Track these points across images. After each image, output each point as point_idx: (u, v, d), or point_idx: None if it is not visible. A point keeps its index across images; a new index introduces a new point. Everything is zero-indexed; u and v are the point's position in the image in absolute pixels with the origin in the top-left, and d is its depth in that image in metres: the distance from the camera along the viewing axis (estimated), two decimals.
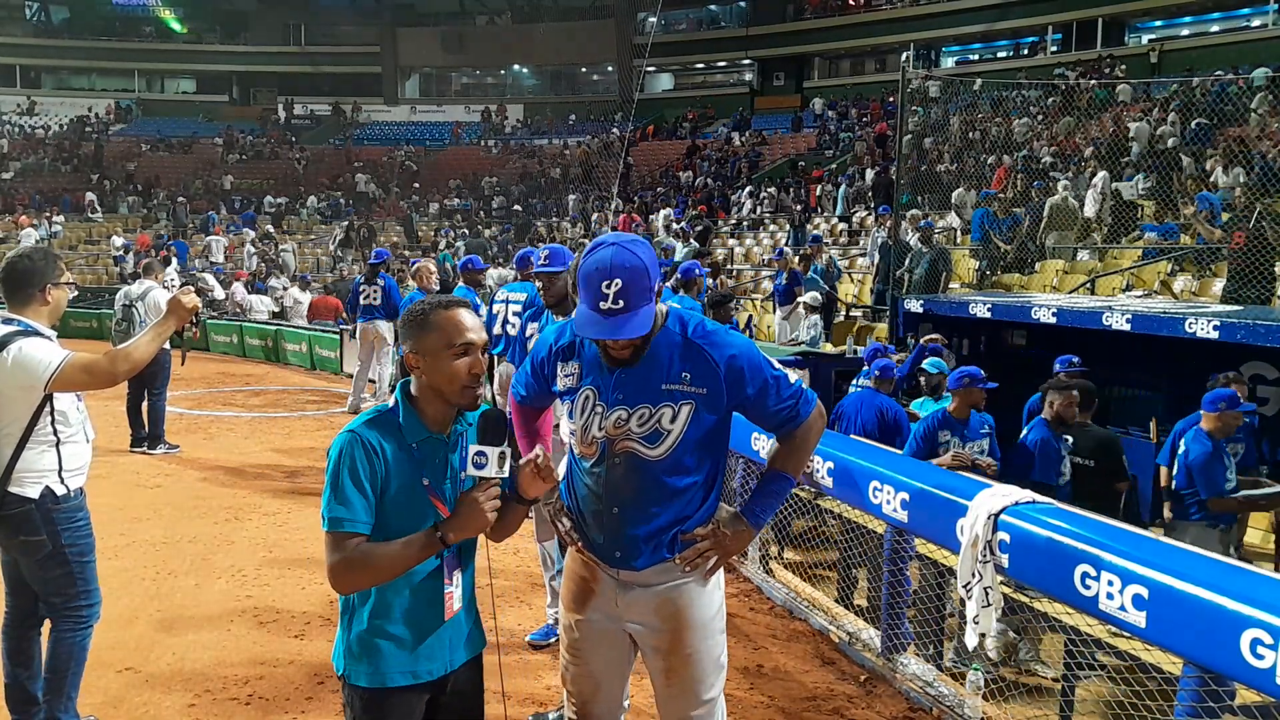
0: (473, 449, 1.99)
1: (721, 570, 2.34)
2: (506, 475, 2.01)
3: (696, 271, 7.66)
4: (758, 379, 2.18)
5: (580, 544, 2.29)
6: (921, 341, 7.31)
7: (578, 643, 2.36)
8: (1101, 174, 12.28)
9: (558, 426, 3.70)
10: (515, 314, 5.36)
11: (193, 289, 3.29)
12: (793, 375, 2.26)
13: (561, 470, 2.44)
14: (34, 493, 3.08)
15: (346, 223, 26.08)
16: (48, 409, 3.09)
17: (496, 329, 5.55)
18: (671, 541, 2.22)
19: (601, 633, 2.33)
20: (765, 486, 2.32)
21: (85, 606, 3.23)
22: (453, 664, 2.10)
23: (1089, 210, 11.75)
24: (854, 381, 6.78)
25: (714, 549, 2.24)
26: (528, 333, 4.55)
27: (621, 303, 2.02)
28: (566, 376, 2.27)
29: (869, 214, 18.75)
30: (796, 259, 12.85)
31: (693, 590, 2.26)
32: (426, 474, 2.00)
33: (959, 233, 13.88)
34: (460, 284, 8.24)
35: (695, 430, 2.16)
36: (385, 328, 10.06)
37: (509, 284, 7.85)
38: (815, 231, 16.91)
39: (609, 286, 2.02)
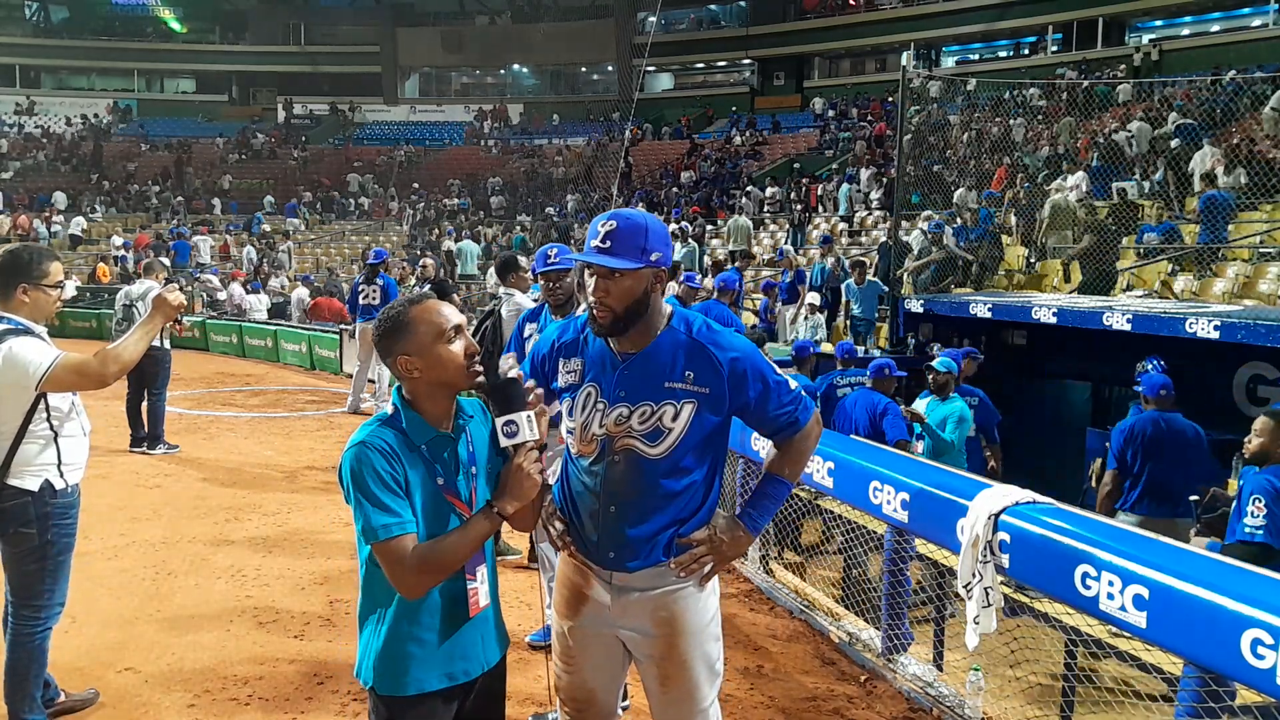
0: (500, 421, 1.99)
1: (717, 576, 2.31)
2: (538, 436, 2.01)
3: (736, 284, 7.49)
4: (760, 383, 2.17)
5: (573, 547, 2.27)
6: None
7: (570, 650, 2.33)
8: (1079, 174, 12.34)
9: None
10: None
11: (177, 286, 3.28)
12: (792, 382, 2.25)
13: (554, 474, 2.43)
14: (34, 485, 3.10)
15: (420, 205, 26.96)
16: (42, 405, 3.10)
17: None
18: (668, 544, 2.19)
19: (594, 639, 2.30)
20: (763, 491, 2.31)
21: (47, 606, 3.21)
22: (488, 663, 2.08)
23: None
24: (840, 379, 6.81)
25: (710, 554, 2.21)
26: (525, 333, 4.51)
27: (609, 243, 2.07)
28: (568, 373, 2.26)
29: (869, 214, 18.79)
30: (831, 259, 12.89)
31: (688, 596, 2.23)
32: (439, 473, 1.99)
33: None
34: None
35: (696, 430, 2.15)
36: None
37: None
38: (820, 233, 16.94)
39: (603, 226, 2.10)
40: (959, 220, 12.16)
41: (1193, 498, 5.18)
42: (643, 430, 2.14)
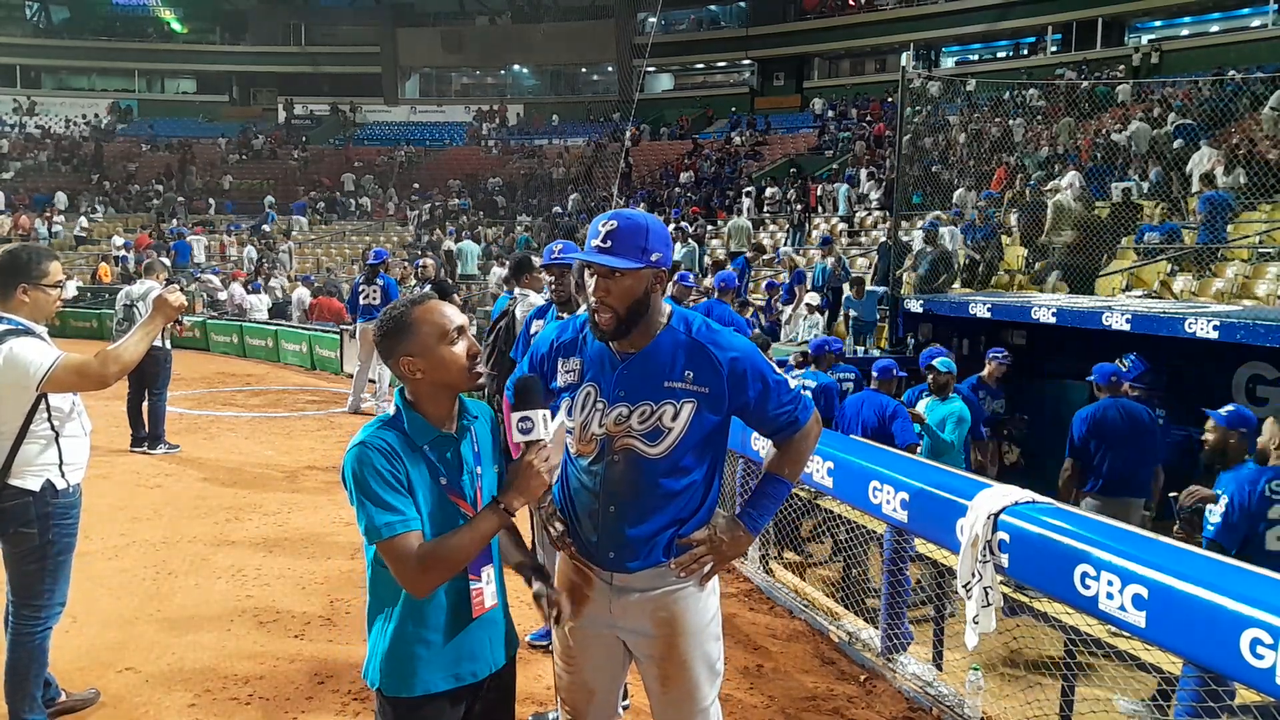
0: (515, 416, 1.99)
1: (717, 576, 2.31)
2: (551, 436, 2.02)
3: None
4: (760, 382, 2.17)
5: (573, 548, 2.26)
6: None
7: (570, 651, 2.34)
8: (1071, 173, 12.33)
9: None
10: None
11: (178, 287, 3.28)
12: (792, 381, 2.26)
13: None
14: (35, 485, 3.10)
15: (428, 205, 27.43)
16: (43, 405, 3.10)
17: None
18: (667, 545, 2.19)
19: (594, 640, 2.30)
20: (762, 490, 2.30)
21: (47, 606, 3.21)
22: (495, 664, 2.08)
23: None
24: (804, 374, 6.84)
25: (710, 554, 2.21)
26: (532, 330, 4.51)
27: (610, 243, 2.08)
28: (567, 373, 2.26)
29: (869, 214, 18.80)
30: (831, 259, 12.87)
31: (687, 596, 2.23)
32: (443, 473, 1.99)
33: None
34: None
35: (696, 430, 2.15)
36: None
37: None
38: (820, 234, 16.94)
39: (604, 225, 2.11)
40: (964, 219, 12.16)
41: (1172, 494, 5.26)
42: (642, 430, 2.14)
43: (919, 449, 5.98)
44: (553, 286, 4.18)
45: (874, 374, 6.11)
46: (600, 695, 2.36)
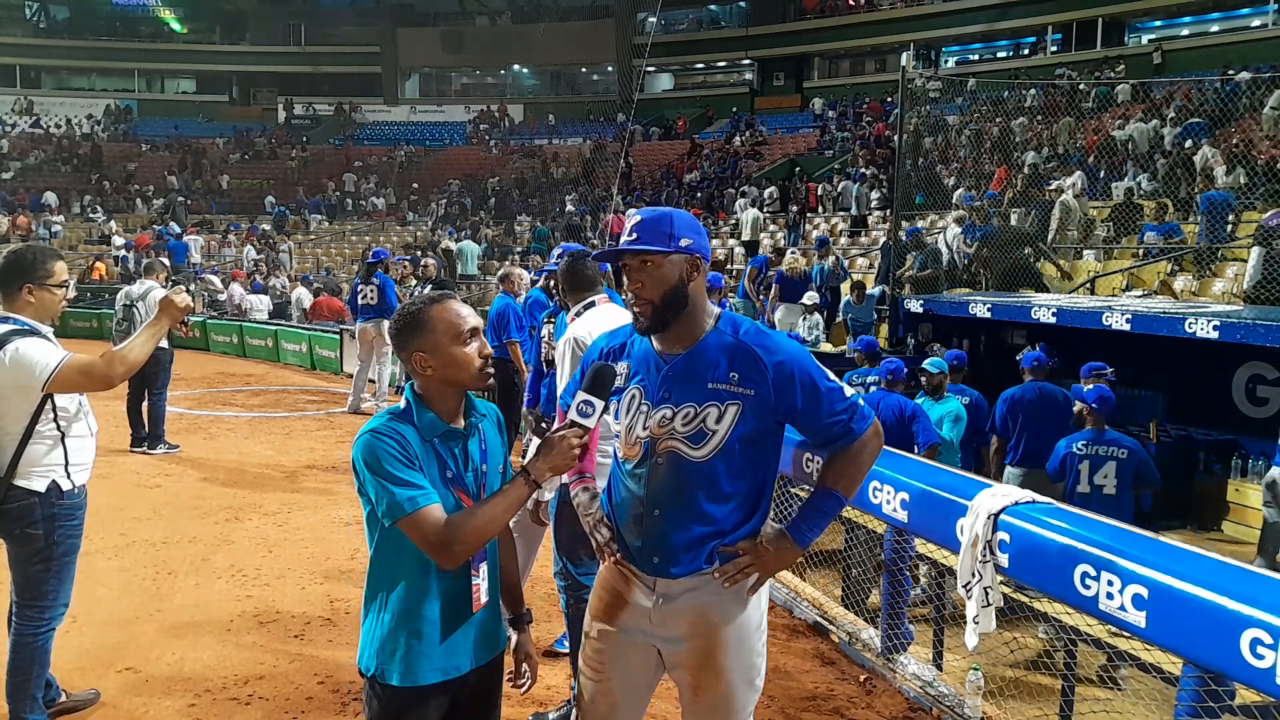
0: (580, 395, 2.03)
1: (764, 589, 2.25)
2: (595, 429, 2.06)
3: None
4: (808, 387, 2.12)
5: (619, 555, 2.22)
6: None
7: (601, 655, 2.28)
8: (1077, 174, 12.34)
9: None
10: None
11: (183, 288, 3.29)
12: (849, 389, 2.19)
13: (601, 482, 2.41)
14: (40, 486, 3.10)
15: (444, 199, 27.66)
16: (49, 406, 3.10)
17: None
18: (710, 554, 2.15)
19: (629, 648, 2.25)
20: (814, 503, 2.22)
21: (51, 607, 3.21)
22: (478, 660, 2.10)
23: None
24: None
25: (755, 565, 2.15)
26: (543, 332, 4.59)
27: (635, 235, 2.11)
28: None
29: (869, 214, 18.80)
30: (830, 259, 12.87)
31: (730, 606, 2.18)
32: (449, 467, 2.02)
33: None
34: (537, 288, 7.21)
35: (741, 433, 2.10)
36: (384, 327, 10.05)
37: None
38: (818, 234, 16.94)
39: (630, 221, 2.16)
40: (968, 219, 12.14)
41: None
42: (686, 432, 2.11)
43: (938, 450, 5.99)
44: (554, 293, 4.33)
45: (886, 375, 6.10)
46: (623, 704, 2.30)
